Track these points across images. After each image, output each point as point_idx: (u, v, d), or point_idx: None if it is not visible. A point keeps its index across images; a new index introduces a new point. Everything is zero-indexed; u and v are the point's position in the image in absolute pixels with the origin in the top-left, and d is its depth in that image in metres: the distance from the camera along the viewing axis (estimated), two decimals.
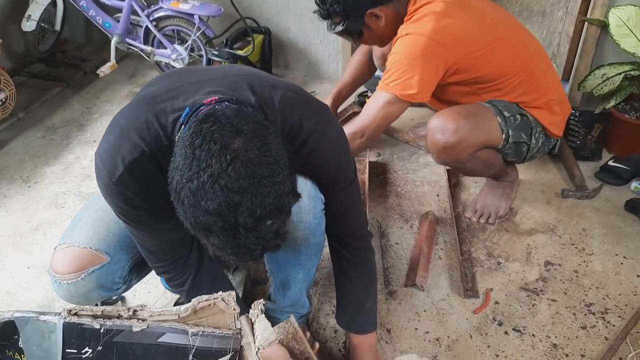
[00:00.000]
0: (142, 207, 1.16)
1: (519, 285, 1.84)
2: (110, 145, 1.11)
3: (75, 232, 1.38)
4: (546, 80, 1.90)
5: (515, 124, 1.82)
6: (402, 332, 1.70)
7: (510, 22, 1.90)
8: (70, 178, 2.40)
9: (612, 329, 1.68)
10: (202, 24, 2.79)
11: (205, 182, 0.88)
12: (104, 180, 1.12)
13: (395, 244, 2.02)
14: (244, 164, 0.89)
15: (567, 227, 2.07)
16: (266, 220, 0.92)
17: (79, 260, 1.33)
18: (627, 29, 2.24)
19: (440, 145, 1.76)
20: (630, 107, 2.38)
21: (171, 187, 0.94)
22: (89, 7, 2.90)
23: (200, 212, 0.90)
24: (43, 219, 2.17)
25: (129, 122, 1.12)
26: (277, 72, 3.18)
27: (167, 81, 1.21)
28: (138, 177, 1.10)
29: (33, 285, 1.87)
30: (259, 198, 0.89)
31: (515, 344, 1.65)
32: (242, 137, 0.91)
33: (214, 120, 0.93)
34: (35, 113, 2.83)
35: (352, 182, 1.33)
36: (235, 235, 0.91)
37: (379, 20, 1.85)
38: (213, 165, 0.88)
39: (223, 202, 0.88)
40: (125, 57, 3.34)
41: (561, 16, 2.57)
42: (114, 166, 1.09)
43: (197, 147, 0.90)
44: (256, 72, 1.26)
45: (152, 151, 1.08)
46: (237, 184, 0.88)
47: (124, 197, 1.13)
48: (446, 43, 1.70)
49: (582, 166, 2.35)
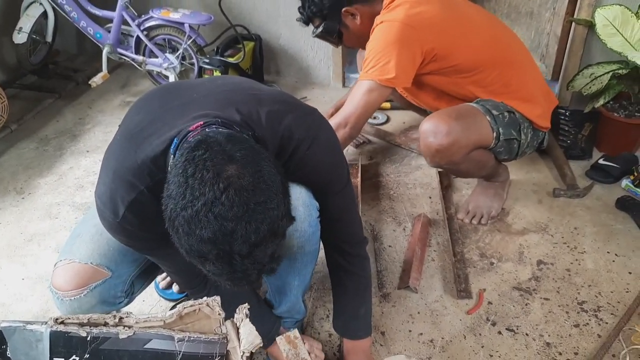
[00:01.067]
0: (148, 238, 1.18)
1: (512, 285, 1.85)
2: (107, 188, 1.14)
3: (75, 247, 1.37)
4: (526, 73, 1.93)
5: (505, 121, 1.84)
6: (396, 334, 1.70)
7: (482, 14, 1.94)
8: (64, 189, 2.40)
9: (605, 326, 1.69)
10: (192, 32, 2.80)
11: (199, 210, 0.88)
12: (109, 220, 1.15)
13: (389, 246, 2.02)
14: (237, 192, 0.89)
15: (558, 226, 2.08)
16: (261, 246, 0.92)
17: (80, 276, 1.33)
18: (614, 28, 2.27)
19: (434, 148, 1.77)
20: (619, 106, 2.40)
21: (165, 214, 0.94)
22: (80, 18, 2.92)
23: (194, 240, 0.90)
24: (37, 230, 2.17)
25: (119, 163, 1.13)
26: (269, 78, 3.20)
27: (149, 108, 1.21)
28: (140, 214, 1.12)
29: (28, 296, 1.87)
30: (253, 225, 0.89)
31: (508, 343, 1.66)
32: (235, 163, 0.91)
33: (205, 147, 0.93)
34: (28, 125, 2.84)
35: (345, 186, 1.34)
36: (231, 262, 0.92)
37: (355, 18, 1.89)
38: (206, 194, 0.88)
39: (217, 230, 0.88)
40: (117, 67, 3.35)
41: (549, 17, 2.60)
42: (115, 207, 1.12)
43: (190, 176, 0.90)
44: (240, 85, 1.26)
45: (148, 188, 1.10)
46: (231, 212, 0.88)
47: (129, 232, 1.16)
48: (419, 28, 1.73)
49: (573, 165, 2.36)
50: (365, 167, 2.44)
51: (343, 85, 3.12)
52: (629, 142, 2.41)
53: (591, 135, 2.49)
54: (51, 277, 1.37)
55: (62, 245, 2.03)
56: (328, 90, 3.10)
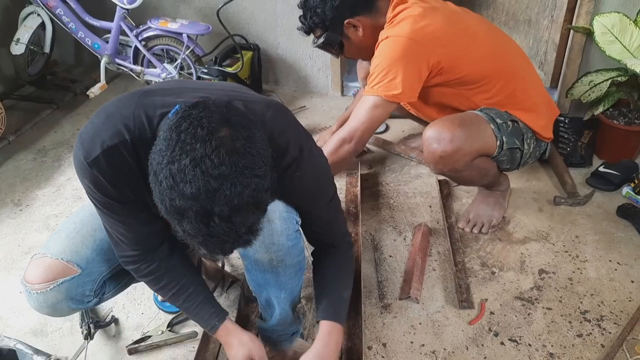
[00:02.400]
0: (113, 196, 1.16)
1: (514, 294, 1.83)
2: (93, 127, 1.13)
3: (51, 243, 1.40)
4: (530, 83, 1.93)
5: (508, 130, 1.83)
6: (397, 345, 1.68)
7: (484, 24, 1.94)
8: (62, 200, 2.39)
9: (609, 336, 1.68)
10: (190, 42, 2.80)
11: (187, 165, 0.88)
12: (79, 159, 1.12)
13: (389, 256, 2.01)
14: (228, 152, 0.90)
15: (560, 235, 2.07)
16: (241, 212, 0.92)
17: (50, 270, 1.35)
18: (612, 36, 2.27)
19: (438, 155, 1.76)
20: (619, 113, 2.39)
21: (150, 168, 0.94)
22: (78, 29, 2.91)
23: (177, 194, 0.90)
24: (35, 242, 2.16)
25: (116, 109, 1.13)
26: (268, 87, 3.20)
27: (165, 84, 1.26)
28: (114, 164, 1.11)
29: (26, 309, 1.85)
30: (237, 188, 0.90)
31: (511, 354, 1.64)
32: (230, 126, 0.93)
33: (204, 107, 0.95)
34: (26, 136, 2.83)
35: (330, 200, 1.37)
36: (209, 223, 0.91)
37: (357, 30, 1.89)
38: (197, 150, 0.89)
39: (202, 186, 0.88)
40: (115, 77, 3.35)
41: (547, 25, 2.60)
42: (91, 147, 1.10)
43: (182, 131, 0.91)
44: (252, 92, 1.30)
45: (133, 141, 1.09)
46: (218, 170, 0.89)
47: (96, 180, 1.13)
48: (424, 42, 1.73)
49: (573, 173, 2.35)
50: (365, 176, 2.43)
51: (342, 94, 3.11)
52: (629, 149, 2.40)
53: (591, 142, 2.49)
54: (24, 271, 1.39)
55: None
56: (327, 99, 3.09)
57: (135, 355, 1.69)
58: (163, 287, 1.36)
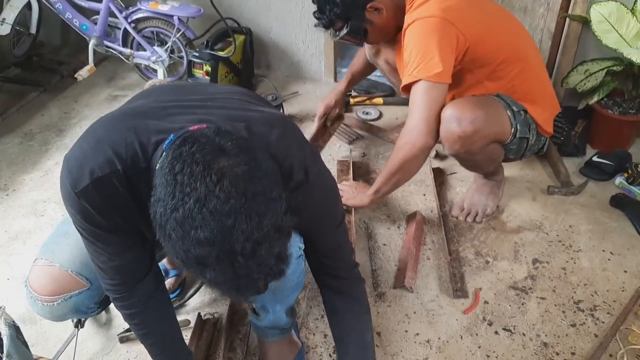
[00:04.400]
0: (101, 225, 1.08)
1: (508, 284, 1.83)
2: (81, 153, 1.04)
3: (59, 249, 1.32)
4: (540, 74, 1.91)
5: (521, 119, 1.81)
6: (392, 334, 1.68)
7: (501, 8, 1.92)
8: (50, 185, 2.34)
9: (602, 325, 1.69)
10: (181, 25, 2.74)
11: (192, 208, 0.80)
12: (66, 187, 1.04)
13: (383, 245, 2.00)
14: (233, 182, 0.81)
15: (553, 224, 2.07)
16: (265, 244, 0.83)
17: (58, 283, 1.30)
18: (609, 25, 2.25)
19: (457, 135, 1.71)
20: (613, 103, 2.39)
21: (155, 222, 0.85)
22: (65, 9, 2.84)
23: (190, 243, 0.81)
24: (22, 227, 2.12)
25: (107, 133, 1.04)
26: (260, 72, 3.15)
27: (160, 96, 1.14)
28: (104, 194, 1.02)
29: (14, 297, 1.82)
30: (254, 219, 0.81)
31: (505, 343, 1.64)
32: (226, 155, 0.84)
33: (192, 141, 0.86)
34: (12, 119, 2.77)
35: (338, 226, 1.27)
36: (233, 264, 0.82)
37: (380, 12, 1.84)
38: (198, 188, 0.80)
39: (215, 227, 0.80)
40: (103, 59, 3.28)
41: (543, 12, 2.57)
42: (79, 176, 1.01)
43: (178, 173, 0.82)
44: (257, 104, 1.20)
45: (125, 170, 1.01)
46: (227, 205, 0.80)
47: (84, 210, 1.05)
48: (454, 21, 1.69)
49: (567, 162, 2.35)
50: (357, 163, 2.41)
51: (335, 80, 3.07)
52: (622, 139, 2.40)
53: (585, 132, 2.48)
54: (29, 274, 1.33)
55: None
56: (320, 85, 3.05)
57: (126, 344, 1.67)
58: (135, 325, 1.29)
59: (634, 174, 2.17)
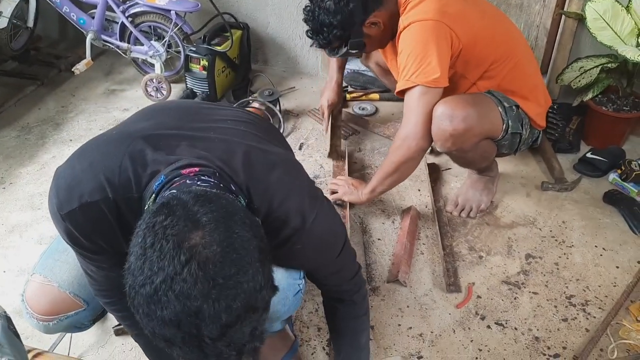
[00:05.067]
0: (84, 246, 1.06)
1: (501, 278, 1.85)
2: (72, 174, 1.02)
3: (57, 267, 1.31)
4: (531, 70, 1.92)
5: (513, 114, 1.82)
6: (385, 328, 1.69)
7: (495, 9, 1.92)
8: (47, 179, 2.34)
9: (593, 320, 1.70)
10: (179, 19, 2.75)
11: (158, 288, 0.76)
12: (53, 207, 1.02)
13: (378, 239, 2.01)
14: (201, 265, 0.76)
15: (547, 220, 2.08)
16: (235, 326, 0.78)
17: (56, 304, 1.30)
18: (604, 22, 2.26)
19: (448, 133, 1.72)
20: (608, 100, 2.40)
21: (127, 291, 0.81)
22: (63, 3, 2.84)
23: (156, 323, 0.77)
24: (19, 221, 2.12)
25: (102, 157, 1.02)
26: (256, 67, 3.16)
27: (161, 120, 1.12)
28: (91, 220, 1.00)
29: (10, 289, 1.83)
30: (222, 303, 0.76)
31: (497, 337, 1.66)
32: (200, 230, 0.79)
33: (167, 212, 0.81)
34: (9, 112, 2.77)
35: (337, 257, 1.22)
36: (201, 346, 0.78)
37: (377, 26, 1.82)
38: (166, 268, 0.76)
39: (180, 311, 0.75)
40: (101, 53, 3.28)
41: (538, 9, 2.58)
42: (67, 199, 1.00)
43: (148, 247, 0.78)
44: (261, 136, 1.16)
45: (116, 199, 0.98)
46: (194, 289, 0.75)
47: (67, 231, 1.03)
48: (449, 23, 1.69)
49: (561, 158, 2.36)
50: (353, 159, 2.42)
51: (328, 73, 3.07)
52: (616, 135, 2.42)
53: (579, 128, 2.50)
54: (25, 287, 1.33)
55: (44, 237, 2.01)
56: (317, 80, 3.06)
57: (121, 336, 1.68)
58: (127, 326, 1.30)
59: (627, 170, 2.19)
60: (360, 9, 1.77)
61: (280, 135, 1.39)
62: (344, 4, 1.75)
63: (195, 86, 2.77)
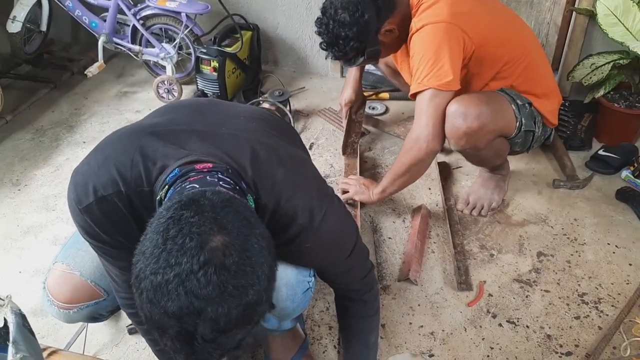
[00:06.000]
0: (105, 241, 1.09)
1: (512, 277, 1.84)
2: (88, 169, 1.06)
3: (80, 256, 1.33)
4: (543, 68, 1.91)
5: (526, 112, 1.82)
6: (396, 326, 1.70)
7: (505, 8, 1.92)
8: (61, 180, 2.38)
9: (606, 318, 1.69)
10: (189, 21, 2.77)
11: (170, 280, 0.77)
12: (72, 202, 1.06)
13: (388, 238, 2.01)
14: (217, 270, 0.78)
15: (558, 218, 2.07)
16: (228, 332, 0.81)
17: (77, 292, 1.32)
18: (615, 18, 2.24)
19: (462, 131, 1.72)
20: (620, 96, 2.38)
21: (133, 270, 0.83)
22: (75, 7, 2.88)
23: (157, 310, 0.79)
24: (34, 222, 2.15)
25: (115, 152, 1.05)
26: (267, 68, 3.17)
27: (175, 116, 1.14)
28: (107, 213, 1.04)
29: (25, 290, 1.86)
30: (224, 309, 0.78)
31: (509, 335, 1.65)
32: (225, 235, 0.81)
33: (196, 209, 0.82)
34: (24, 115, 2.81)
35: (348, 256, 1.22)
36: (192, 343, 0.80)
37: (392, 32, 1.82)
38: (183, 264, 0.78)
39: (185, 307, 0.77)
40: (113, 56, 3.32)
41: (549, 6, 2.57)
42: (84, 193, 1.03)
43: (170, 238, 0.80)
44: (272, 133, 1.17)
45: (128, 192, 1.02)
46: (204, 290, 0.77)
47: (87, 226, 1.06)
48: (462, 24, 1.69)
49: (573, 156, 2.35)
50: (364, 158, 2.43)
51: (341, 75, 3.09)
52: (629, 132, 2.40)
53: (591, 125, 2.48)
54: (48, 275, 1.35)
55: (59, 238, 2.03)
56: (326, 80, 3.07)
57: (135, 336, 1.70)
58: (143, 330, 1.31)
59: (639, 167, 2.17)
60: (375, 18, 1.76)
61: (294, 133, 1.40)
62: (359, 15, 1.73)
63: (206, 87, 2.79)
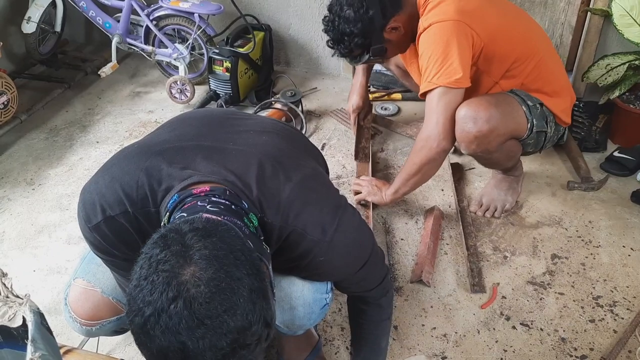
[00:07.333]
0: (115, 255, 1.12)
1: (526, 279, 1.83)
2: (96, 189, 1.08)
3: (100, 273, 1.33)
4: (554, 66, 1.89)
5: (537, 113, 1.81)
6: (409, 328, 1.69)
7: (515, 7, 1.91)
8: (74, 180, 2.39)
9: (621, 321, 1.68)
10: (202, 22, 2.78)
11: (148, 320, 0.77)
12: (81, 220, 1.09)
13: (401, 239, 2.01)
14: (187, 304, 0.76)
15: (573, 220, 2.06)
16: None
17: (99, 309, 1.32)
18: (631, 19, 2.22)
19: (472, 135, 1.71)
20: (635, 97, 2.36)
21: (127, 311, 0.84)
22: (89, 7, 2.89)
23: (146, 351, 0.80)
24: (48, 221, 2.17)
25: (121, 172, 1.07)
26: (279, 69, 3.17)
27: (185, 130, 1.15)
28: (115, 231, 1.06)
29: (39, 288, 1.87)
30: (207, 341, 0.76)
31: (523, 338, 1.64)
32: (192, 266, 0.79)
33: (164, 244, 0.82)
34: (38, 115, 2.83)
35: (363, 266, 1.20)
36: None
37: (398, 30, 1.82)
38: (154, 303, 0.77)
39: (166, 346, 0.77)
40: (126, 56, 3.33)
41: (563, 6, 2.55)
42: (93, 212, 1.06)
43: (142, 278, 0.80)
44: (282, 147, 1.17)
45: (135, 213, 1.04)
46: (179, 326, 0.76)
47: (97, 242, 1.09)
48: (470, 23, 1.69)
49: (587, 157, 2.33)
50: (376, 159, 2.42)
51: (353, 76, 3.07)
52: None
53: (606, 127, 2.46)
54: (68, 290, 1.35)
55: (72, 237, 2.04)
56: (338, 81, 3.07)
57: None
58: None
59: None
60: (380, 15, 1.76)
61: (309, 144, 1.38)
62: (364, 11, 1.74)
63: (218, 88, 2.80)
